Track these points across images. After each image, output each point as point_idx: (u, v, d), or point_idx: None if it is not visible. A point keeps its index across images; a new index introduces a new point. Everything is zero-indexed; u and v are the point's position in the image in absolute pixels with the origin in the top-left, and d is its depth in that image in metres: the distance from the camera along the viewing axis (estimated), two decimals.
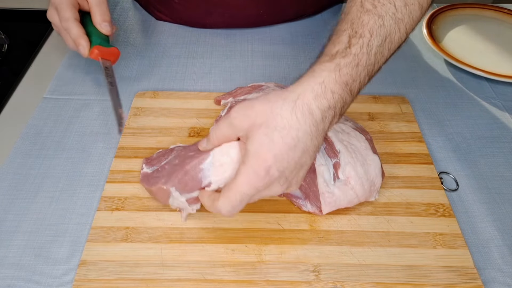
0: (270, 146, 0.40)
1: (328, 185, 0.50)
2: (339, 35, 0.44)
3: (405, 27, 0.45)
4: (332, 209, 0.51)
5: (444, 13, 0.85)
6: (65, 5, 0.63)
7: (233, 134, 0.44)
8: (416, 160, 0.58)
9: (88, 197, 0.55)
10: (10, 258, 0.49)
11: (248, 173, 0.41)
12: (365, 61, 0.42)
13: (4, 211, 0.53)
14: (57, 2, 0.63)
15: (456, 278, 0.47)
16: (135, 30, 0.83)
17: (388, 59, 0.46)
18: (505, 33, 0.82)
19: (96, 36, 0.64)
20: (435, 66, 0.76)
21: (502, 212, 0.54)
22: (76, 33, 0.62)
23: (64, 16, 0.62)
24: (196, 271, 0.47)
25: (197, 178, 0.47)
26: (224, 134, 0.45)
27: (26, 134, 0.62)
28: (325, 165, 0.50)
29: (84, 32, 0.63)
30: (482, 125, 0.65)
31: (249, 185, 0.41)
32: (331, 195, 0.50)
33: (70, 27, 0.62)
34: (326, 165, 0.50)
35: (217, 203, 0.43)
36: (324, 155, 0.51)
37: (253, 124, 0.42)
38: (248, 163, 0.41)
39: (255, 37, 0.82)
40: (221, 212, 0.43)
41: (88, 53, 0.63)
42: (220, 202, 0.43)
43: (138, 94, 0.67)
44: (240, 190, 0.42)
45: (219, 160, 0.46)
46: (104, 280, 0.46)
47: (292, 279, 0.47)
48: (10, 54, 0.78)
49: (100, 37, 0.64)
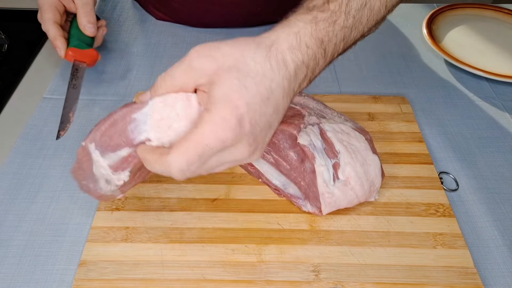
0: (242, 91, 0.34)
1: (328, 185, 0.50)
2: None
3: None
4: (332, 210, 0.51)
5: (444, 13, 0.85)
6: (47, 7, 0.65)
7: (191, 80, 0.37)
8: (416, 160, 0.58)
9: (88, 197, 0.54)
10: (10, 258, 0.49)
11: (215, 121, 0.34)
12: (343, 21, 0.39)
13: (4, 211, 0.53)
14: (40, 3, 0.65)
15: (456, 278, 0.47)
16: (135, 30, 0.83)
17: (365, 32, 0.43)
18: (505, 33, 0.82)
19: (75, 38, 0.65)
20: (435, 66, 0.76)
21: (502, 212, 0.54)
22: (53, 34, 0.64)
23: (44, 18, 0.65)
24: (196, 271, 0.47)
25: (126, 130, 0.37)
26: (179, 81, 0.37)
27: (26, 134, 0.62)
28: (325, 165, 0.50)
29: (61, 33, 0.65)
30: (482, 125, 0.65)
31: (216, 136, 0.34)
32: (331, 195, 0.50)
33: (48, 29, 0.64)
34: (326, 165, 0.50)
35: (167, 158, 0.35)
36: (324, 155, 0.51)
37: (220, 68, 0.35)
38: (214, 110, 0.34)
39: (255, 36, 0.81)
40: (170, 170, 0.35)
41: (64, 54, 0.64)
42: (172, 156, 0.35)
43: (138, 94, 0.67)
44: (203, 141, 0.34)
45: (160, 113, 0.37)
46: (104, 280, 0.46)
47: (292, 279, 0.47)
48: (10, 54, 0.78)
49: (81, 39, 0.65)
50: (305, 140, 0.51)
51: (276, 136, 0.53)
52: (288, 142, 0.52)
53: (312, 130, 0.52)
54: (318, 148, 0.51)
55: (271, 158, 0.55)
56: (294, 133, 0.51)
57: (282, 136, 0.52)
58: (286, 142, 0.52)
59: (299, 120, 0.52)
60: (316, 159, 0.50)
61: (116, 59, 0.76)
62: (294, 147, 0.51)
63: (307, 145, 0.50)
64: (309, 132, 0.52)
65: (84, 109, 0.66)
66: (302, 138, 0.51)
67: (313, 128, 0.52)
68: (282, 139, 0.52)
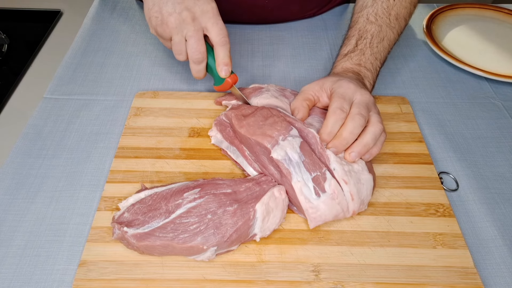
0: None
1: (310, 201, 0.48)
2: (349, 39, 0.65)
3: (397, 32, 0.67)
4: (319, 223, 0.49)
5: (444, 13, 0.85)
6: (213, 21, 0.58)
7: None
8: (416, 160, 0.59)
9: (88, 197, 0.55)
10: (10, 258, 0.49)
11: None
12: (370, 51, 0.63)
13: (4, 211, 0.53)
14: (201, 10, 0.58)
15: (456, 278, 0.47)
16: (135, 30, 0.83)
17: (390, 49, 0.67)
18: (505, 33, 0.82)
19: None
20: (435, 66, 0.76)
21: (502, 212, 0.54)
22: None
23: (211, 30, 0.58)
24: (196, 271, 0.47)
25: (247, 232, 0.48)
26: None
27: (26, 134, 0.62)
28: (302, 181, 0.48)
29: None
30: (482, 125, 0.65)
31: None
32: (315, 210, 0.48)
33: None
34: (303, 180, 0.48)
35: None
36: (302, 169, 0.49)
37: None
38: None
39: (255, 37, 0.82)
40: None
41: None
42: None
43: (138, 94, 0.67)
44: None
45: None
46: (104, 280, 0.46)
47: (292, 279, 0.47)
48: (10, 54, 0.78)
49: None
50: (278, 155, 0.49)
51: (255, 148, 0.52)
52: (265, 155, 0.51)
53: (290, 142, 0.50)
54: (294, 162, 0.49)
55: (256, 167, 0.55)
56: (268, 147, 0.50)
57: (259, 148, 0.51)
58: (264, 155, 0.52)
59: (278, 131, 0.51)
60: (292, 175, 0.48)
61: (116, 59, 0.76)
62: (272, 161, 0.51)
63: (281, 160, 0.49)
64: (286, 145, 0.50)
65: (84, 109, 0.66)
66: (276, 152, 0.49)
67: (292, 140, 0.50)
68: (260, 152, 0.52)
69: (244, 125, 0.54)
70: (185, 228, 0.47)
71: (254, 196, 0.49)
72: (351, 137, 0.50)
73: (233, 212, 0.47)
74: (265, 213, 0.48)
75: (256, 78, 0.73)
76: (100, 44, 0.79)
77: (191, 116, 0.64)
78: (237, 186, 0.50)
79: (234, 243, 0.48)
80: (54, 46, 0.79)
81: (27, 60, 0.76)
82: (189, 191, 0.50)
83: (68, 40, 0.80)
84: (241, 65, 0.75)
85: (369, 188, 0.50)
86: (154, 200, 0.50)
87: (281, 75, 0.73)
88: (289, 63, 0.76)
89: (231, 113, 0.57)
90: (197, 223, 0.47)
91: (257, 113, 0.54)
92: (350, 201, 0.49)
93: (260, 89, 0.61)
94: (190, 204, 0.48)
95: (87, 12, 0.87)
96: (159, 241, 0.46)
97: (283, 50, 0.79)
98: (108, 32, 0.82)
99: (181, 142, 0.60)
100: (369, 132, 0.51)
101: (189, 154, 0.59)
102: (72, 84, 0.71)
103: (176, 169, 0.57)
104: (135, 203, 0.50)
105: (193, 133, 0.62)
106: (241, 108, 0.57)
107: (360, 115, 0.50)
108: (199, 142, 0.60)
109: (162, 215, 0.48)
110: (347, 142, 0.50)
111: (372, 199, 0.54)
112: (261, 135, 0.51)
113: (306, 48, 0.79)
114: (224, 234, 0.46)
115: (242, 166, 0.56)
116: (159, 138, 0.61)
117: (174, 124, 0.63)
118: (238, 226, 0.47)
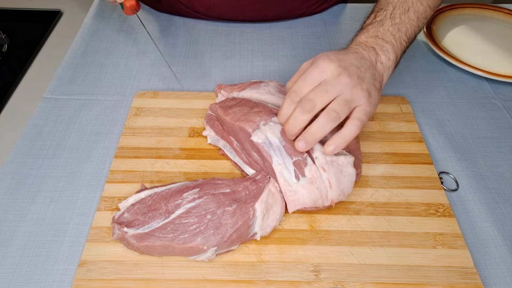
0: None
1: (289, 184, 0.49)
2: (369, 15, 0.60)
3: (427, 3, 0.59)
4: (297, 208, 0.50)
5: (444, 13, 0.85)
6: None
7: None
8: (416, 160, 0.59)
9: (88, 197, 0.55)
10: (10, 258, 0.49)
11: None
12: (390, 21, 0.56)
13: (4, 211, 0.53)
14: None
15: (456, 278, 0.47)
16: (135, 30, 0.83)
17: (421, 23, 0.59)
18: (505, 33, 0.82)
19: None
20: (435, 66, 0.76)
21: (502, 212, 0.54)
22: None
23: None
24: (196, 271, 0.47)
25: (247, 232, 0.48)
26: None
27: (26, 134, 0.62)
28: (283, 163, 0.49)
29: None
30: (482, 125, 0.65)
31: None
32: (293, 193, 0.49)
33: None
34: (284, 163, 0.49)
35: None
36: (282, 153, 0.49)
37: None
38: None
39: (255, 37, 0.82)
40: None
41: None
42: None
43: (138, 94, 0.67)
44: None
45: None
46: (104, 280, 0.46)
47: (292, 279, 0.47)
48: (10, 54, 0.78)
49: None
50: (259, 138, 0.50)
51: (239, 135, 0.53)
52: (247, 141, 0.52)
53: (271, 127, 0.51)
54: (275, 145, 0.49)
55: (244, 157, 0.55)
56: (249, 131, 0.50)
57: (242, 134, 0.52)
58: (246, 141, 0.52)
59: (261, 117, 0.51)
60: (273, 158, 0.49)
61: (116, 59, 0.76)
62: (254, 146, 0.51)
63: (261, 143, 0.50)
64: (267, 129, 0.50)
65: (84, 109, 0.66)
66: (256, 136, 0.50)
67: (274, 126, 0.51)
68: (243, 138, 0.52)
69: (229, 113, 0.55)
70: (185, 229, 0.47)
71: (252, 195, 0.49)
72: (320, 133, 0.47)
73: (232, 212, 0.48)
74: (264, 211, 0.48)
75: (256, 78, 0.73)
76: (100, 44, 0.79)
77: (191, 116, 0.64)
78: (236, 186, 0.51)
79: (234, 243, 0.48)
80: (54, 46, 0.79)
81: (27, 60, 0.76)
82: (189, 191, 0.50)
83: (68, 40, 0.80)
84: (241, 65, 0.75)
85: (350, 181, 0.51)
86: (154, 200, 0.50)
87: (282, 75, 0.73)
88: (289, 63, 0.76)
89: (216, 105, 0.58)
90: (197, 224, 0.47)
91: (242, 103, 0.55)
92: (328, 189, 0.49)
93: (259, 84, 0.61)
94: (189, 204, 0.48)
95: (87, 12, 0.87)
96: (159, 241, 0.46)
97: (283, 50, 0.79)
98: (108, 32, 0.82)
99: (181, 142, 0.60)
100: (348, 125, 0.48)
101: (189, 154, 0.59)
102: (72, 84, 0.71)
103: (176, 169, 0.57)
104: (135, 203, 0.50)
105: (193, 133, 0.62)
106: (225, 100, 0.58)
107: (333, 112, 0.47)
108: (199, 142, 0.60)
109: (162, 216, 0.48)
110: (315, 138, 0.48)
111: (372, 199, 0.54)
112: (244, 120, 0.52)
113: (306, 48, 0.79)
114: (224, 234, 0.46)
115: (240, 166, 0.56)
116: (159, 138, 0.61)
117: (174, 124, 0.63)
118: (238, 226, 0.47)
